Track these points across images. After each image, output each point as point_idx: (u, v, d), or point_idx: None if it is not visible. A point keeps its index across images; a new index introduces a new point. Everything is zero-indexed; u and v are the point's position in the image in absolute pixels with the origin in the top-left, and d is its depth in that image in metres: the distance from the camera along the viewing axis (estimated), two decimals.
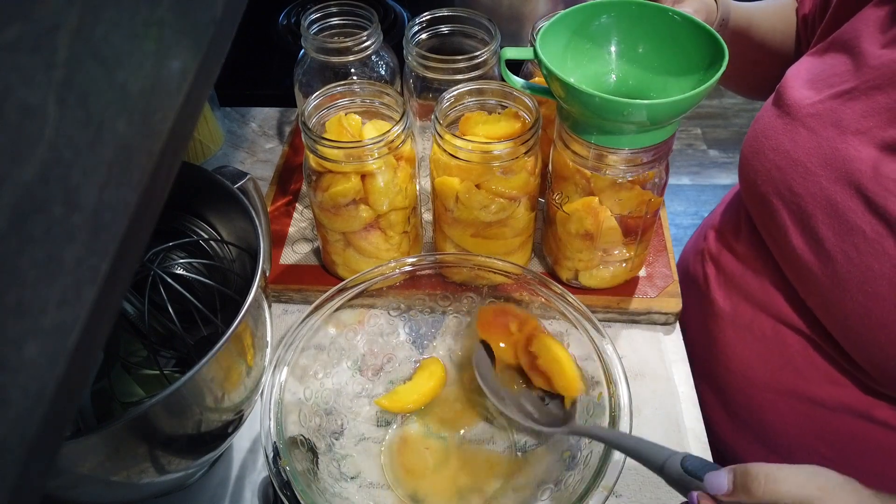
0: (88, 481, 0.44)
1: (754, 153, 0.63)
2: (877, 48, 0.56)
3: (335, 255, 0.70)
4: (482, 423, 0.62)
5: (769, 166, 0.61)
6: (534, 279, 0.61)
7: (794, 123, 0.59)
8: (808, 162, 0.58)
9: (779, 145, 0.60)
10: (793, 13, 0.72)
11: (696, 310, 0.74)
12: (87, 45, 0.18)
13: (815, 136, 0.58)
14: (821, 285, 0.57)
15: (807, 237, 0.58)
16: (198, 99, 0.24)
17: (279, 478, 0.49)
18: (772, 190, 0.61)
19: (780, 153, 0.60)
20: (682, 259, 0.83)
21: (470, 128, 0.64)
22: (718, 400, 0.73)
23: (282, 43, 1.03)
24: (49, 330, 0.18)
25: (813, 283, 0.58)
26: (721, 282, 0.71)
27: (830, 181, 0.56)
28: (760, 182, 0.62)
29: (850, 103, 0.56)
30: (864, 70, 0.56)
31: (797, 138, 0.59)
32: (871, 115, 0.55)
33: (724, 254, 0.72)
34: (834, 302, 0.56)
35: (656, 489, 0.60)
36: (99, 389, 0.56)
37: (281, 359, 0.55)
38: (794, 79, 0.62)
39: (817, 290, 0.58)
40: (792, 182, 0.59)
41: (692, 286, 0.76)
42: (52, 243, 0.17)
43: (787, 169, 0.59)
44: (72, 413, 0.20)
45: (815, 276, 0.57)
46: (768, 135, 0.62)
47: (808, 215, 0.57)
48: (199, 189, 0.56)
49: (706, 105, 2.43)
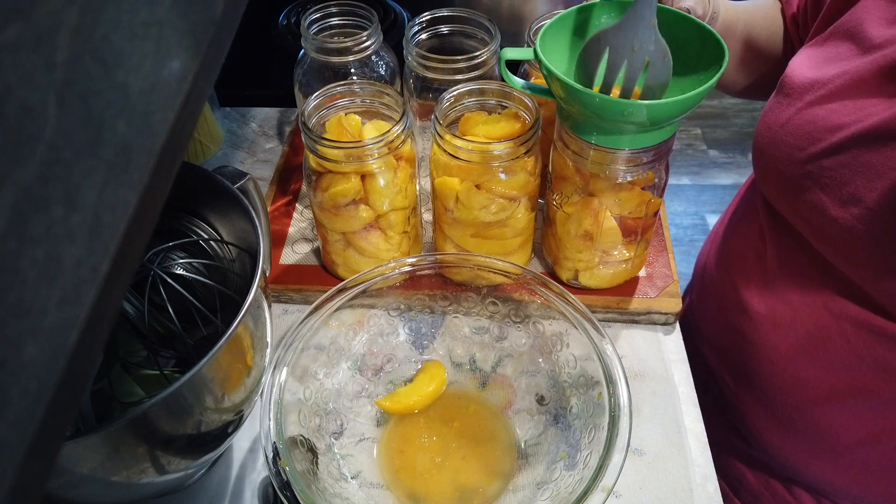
0: (88, 481, 0.44)
1: (769, 143, 0.62)
2: (882, 29, 0.56)
3: (335, 256, 0.70)
4: (482, 422, 0.62)
5: (789, 150, 0.60)
6: (534, 279, 0.61)
7: (809, 105, 0.59)
8: (832, 137, 0.57)
9: (797, 129, 0.60)
10: (778, 13, 0.72)
11: (722, 316, 0.74)
12: (87, 45, 0.18)
13: (831, 113, 0.57)
14: (870, 250, 0.56)
15: (846, 204, 0.56)
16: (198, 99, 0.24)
17: (279, 478, 0.49)
18: (798, 172, 0.60)
19: (798, 136, 0.59)
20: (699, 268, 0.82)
21: (470, 128, 0.64)
22: (762, 405, 0.72)
23: (282, 43, 1.03)
24: (49, 330, 0.18)
25: (861, 252, 0.57)
26: (751, 287, 0.70)
27: (861, 147, 0.55)
28: (783, 168, 0.61)
29: (859, 79, 0.56)
30: (871, 50, 0.56)
31: (813, 117, 0.58)
32: (882, 91, 0.55)
33: (748, 259, 0.71)
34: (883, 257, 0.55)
35: (656, 489, 0.60)
36: (99, 389, 0.56)
37: (281, 359, 0.55)
38: (798, 67, 0.62)
39: (866, 257, 0.57)
40: (819, 158, 0.58)
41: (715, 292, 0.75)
42: (52, 243, 0.17)
43: (809, 147, 0.58)
44: (72, 413, 0.20)
45: (863, 242, 0.56)
46: (782, 123, 0.61)
47: (843, 183, 0.56)
48: (199, 189, 0.56)
49: (706, 105, 2.44)
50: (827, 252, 0.61)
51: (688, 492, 0.60)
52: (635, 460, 0.62)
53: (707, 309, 0.79)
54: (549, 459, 0.57)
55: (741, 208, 0.76)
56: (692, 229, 2.09)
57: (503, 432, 0.61)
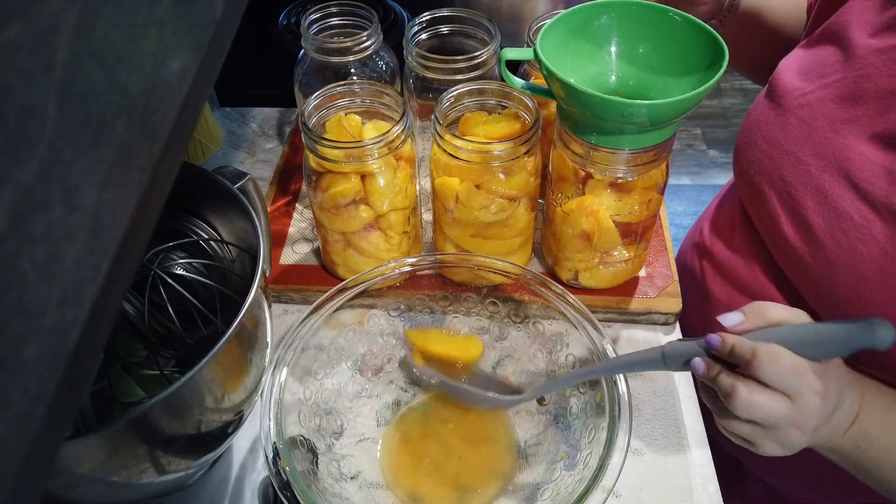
0: (88, 481, 0.44)
1: (747, 144, 0.64)
2: (864, 38, 0.57)
3: (335, 256, 0.70)
4: (482, 423, 0.62)
5: (761, 156, 0.62)
6: (534, 279, 0.61)
7: (785, 114, 0.60)
8: (799, 151, 0.59)
9: (770, 135, 0.61)
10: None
11: (696, 303, 0.75)
12: (87, 45, 0.18)
13: (805, 126, 0.59)
14: (811, 272, 0.58)
15: (797, 225, 0.59)
16: (198, 99, 0.24)
17: (279, 478, 0.49)
18: (764, 179, 0.62)
19: (771, 143, 0.61)
20: (681, 253, 0.83)
21: (470, 128, 0.64)
22: None
23: (282, 43, 1.03)
24: (49, 330, 0.18)
25: (804, 270, 0.59)
26: (716, 273, 0.72)
27: (820, 169, 0.57)
28: (753, 172, 0.63)
29: (839, 94, 0.57)
30: (853, 61, 0.57)
31: (788, 128, 0.60)
32: (860, 105, 0.56)
33: (717, 245, 0.72)
34: (825, 287, 0.57)
35: (656, 489, 0.60)
36: (99, 389, 0.56)
37: (281, 359, 0.55)
38: (785, 70, 0.63)
39: (808, 276, 0.59)
40: (783, 171, 0.60)
41: (690, 279, 0.76)
42: (52, 243, 0.17)
43: (778, 158, 0.60)
44: (72, 413, 0.20)
45: (806, 263, 0.58)
46: (760, 125, 0.62)
47: (798, 203, 0.58)
48: (199, 189, 0.56)
49: (706, 105, 2.43)
50: (778, 259, 0.62)
51: (688, 492, 0.60)
52: (635, 460, 0.62)
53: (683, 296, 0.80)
54: (549, 459, 0.57)
55: (724, 199, 0.77)
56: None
57: (503, 432, 0.61)
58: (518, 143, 0.59)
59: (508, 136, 0.61)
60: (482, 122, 0.63)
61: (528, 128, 0.61)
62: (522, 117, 0.63)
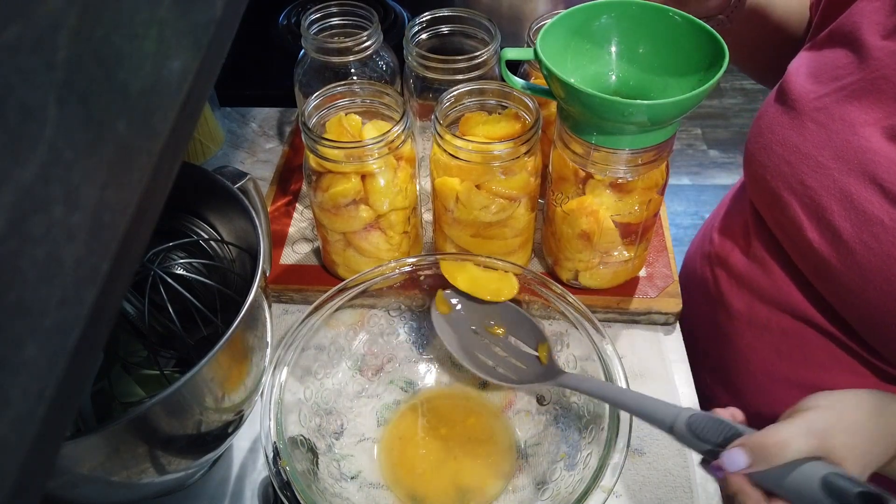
0: (88, 481, 0.44)
1: (760, 148, 0.63)
2: (878, 40, 0.56)
3: (335, 256, 0.70)
4: (482, 422, 0.62)
5: (777, 161, 0.61)
6: (534, 279, 0.61)
7: (800, 118, 0.59)
8: (819, 155, 0.58)
9: (786, 139, 0.60)
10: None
11: (707, 313, 0.74)
12: (87, 45, 0.18)
13: (823, 130, 0.58)
14: (840, 277, 0.57)
15: (822, 230, 0.57)
16: (198, 99, 0.24)
17: (279, 478, 0.49)
18: (782, 185, 0.60)
19: (788, 147, 0.60)
20: (687, 263, 0.83)
21: (470, 128, 0.64)
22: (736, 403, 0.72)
23: (282, 43, 1.03)
24: (49, 330, 0.18)
25: (831, 276, 0.58)
26: (733, 283, 0.70)
27: (843, 173, 0.56)
28: (770, 177, 0.62)
29: (856, 94, 0.57)
30: (868, 62, 0.56)
31: (805, 132, 0.59)
32: (879, 107, 0.55)
33: (732, 255, 0.71)
34: (855, 293, 0.56)
35: (656, 489, 0.60)
36: (99, 389, 0.56)
37: (281, 359, 0.55)
38: (795, 73, 0.62)
39: (836, 282, 0.58)
40: (803, 176, 0.59)
41: (700, 290, 0.75)
42: (52, 243, 0.17)
43: (796, 163, 0.59)
44: (72, 413, 0.20)
45: (834, 269, 0.57)
46: (774, 129, 0.61)
47: (822, 208, 0.57)
48: (199, 189, 0.56)
49: (706, 105, 2.43)
50: (801, 266, 0.62)
51: (688, 492, 0.60)
52: (635, 460, 0.62)
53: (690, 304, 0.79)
54: (549, 459, 0.57)
55: (732, 205, 0.76)
56: (692, 229, 2.09)
57: (503, 432, 0.61)
58: (518, 143, 0.59)
59: (508, 136, 0.61)
60: (482, 122, 0.63)
61: (528, 128, 0.61)
62: (523, 117, 0.63)
